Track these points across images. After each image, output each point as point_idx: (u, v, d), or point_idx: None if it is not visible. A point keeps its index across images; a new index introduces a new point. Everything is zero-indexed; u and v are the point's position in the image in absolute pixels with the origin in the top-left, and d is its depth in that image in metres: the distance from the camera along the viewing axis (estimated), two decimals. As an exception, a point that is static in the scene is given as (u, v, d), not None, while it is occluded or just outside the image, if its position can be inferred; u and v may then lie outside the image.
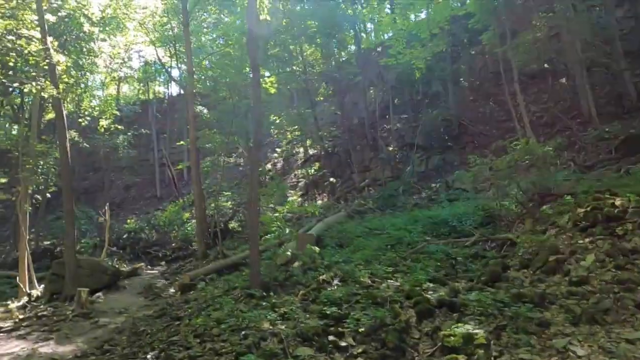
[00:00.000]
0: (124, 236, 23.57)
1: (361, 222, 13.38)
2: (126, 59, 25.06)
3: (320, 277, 7.94)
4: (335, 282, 7.98)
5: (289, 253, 8.45)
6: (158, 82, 39.72)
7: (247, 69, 13.08)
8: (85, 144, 26.57)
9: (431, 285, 7.60)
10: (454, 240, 10.33)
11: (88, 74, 22.49)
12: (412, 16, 18.97)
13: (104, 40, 20.72)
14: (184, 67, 24.51)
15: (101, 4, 17.65)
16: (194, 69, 15.77)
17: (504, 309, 6.04)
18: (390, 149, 24.59)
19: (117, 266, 13.22)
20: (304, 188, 26.32)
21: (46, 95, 10.99)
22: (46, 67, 12.26)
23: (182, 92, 37.89)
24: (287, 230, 9.33)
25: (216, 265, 11.72)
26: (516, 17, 16.90)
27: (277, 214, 11.22)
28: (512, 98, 20.16)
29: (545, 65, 20.95)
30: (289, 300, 7.38)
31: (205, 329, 6.56)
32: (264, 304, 7.36)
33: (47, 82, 10.99)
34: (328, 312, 6.43)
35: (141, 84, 37.30)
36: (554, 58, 20.12)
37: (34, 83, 10.73)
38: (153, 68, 33.81)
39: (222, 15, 23.58)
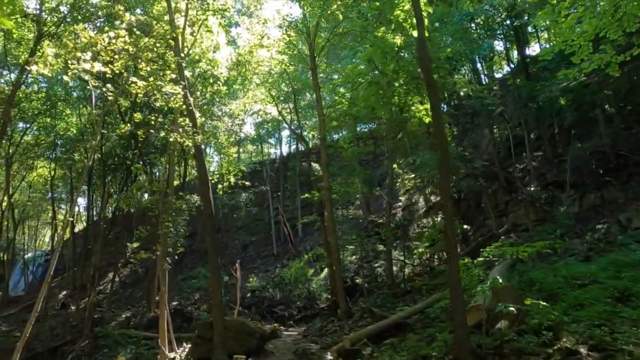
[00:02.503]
0: (248, 295, 22.92)
1: (547, 271, 10.79)
2: (245, 120, 25.81)
3: (563, 345, 5.68)
4: (584, 350, 5.67)
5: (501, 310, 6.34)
6: (269, 144, 41.19)
7: (396, 98, 11.89)
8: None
9: None
10: None
11: (211, 137, 23.32)
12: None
13: (224, 104, 21.48)
14: (302, 121, 24.55)
15: (228, 66, 18.12)
16: (324, 115, 15.06)
17: None
18: (531, 189, 21.61)
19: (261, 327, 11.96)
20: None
21: (190, 144, 10.75)
22: (183, 123, 12.29)
23: (291, 151, 38.84)
24: (500, 281, 7.22)
25: (377, 326, 9.81)
26: None
27: (478, 259, 9.23)
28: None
29: None
30: (530, 378, 5.25)
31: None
32: (492, 381, 5.31)
33: (191, 128, 10.81)
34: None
35: (254, 146, 38.64)
36: None
37: (180, 130, 10.55)
38: (264, 129, 34.91)
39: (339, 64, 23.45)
